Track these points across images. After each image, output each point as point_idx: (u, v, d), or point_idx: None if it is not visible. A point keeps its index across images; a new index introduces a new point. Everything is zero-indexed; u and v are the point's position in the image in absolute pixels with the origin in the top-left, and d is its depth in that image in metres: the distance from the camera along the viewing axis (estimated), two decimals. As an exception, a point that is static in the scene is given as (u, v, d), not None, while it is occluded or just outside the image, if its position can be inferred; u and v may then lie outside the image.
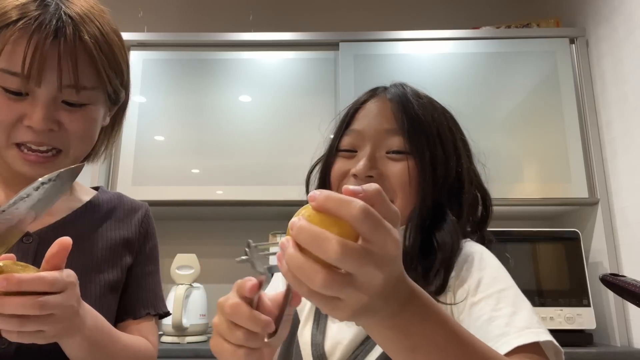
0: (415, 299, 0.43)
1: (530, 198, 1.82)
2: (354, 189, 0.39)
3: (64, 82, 0.70)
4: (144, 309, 0.85)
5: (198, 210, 1.99)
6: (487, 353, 0.46)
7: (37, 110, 0.69)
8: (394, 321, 0.42)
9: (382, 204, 0.39)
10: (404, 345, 0.43)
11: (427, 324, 0.43)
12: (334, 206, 0.38)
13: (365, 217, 0.37)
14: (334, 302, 0.39)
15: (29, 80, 0.68)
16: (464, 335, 0.45)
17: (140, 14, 2.30)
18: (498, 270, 0.67)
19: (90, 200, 0.86)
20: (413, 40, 2.00)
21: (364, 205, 0.37)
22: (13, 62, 0.68)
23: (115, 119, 0.87)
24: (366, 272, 0.37)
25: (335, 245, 0.36)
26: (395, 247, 0.38)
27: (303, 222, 0.38)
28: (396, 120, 0.73)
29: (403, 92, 0.76)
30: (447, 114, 0.80)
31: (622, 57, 1.75)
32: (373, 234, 0.37)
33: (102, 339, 0.69)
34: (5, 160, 0.74)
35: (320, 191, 0.39)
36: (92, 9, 0.75)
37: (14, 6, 0.69)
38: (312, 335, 0.73)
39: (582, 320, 1.63)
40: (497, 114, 1.90)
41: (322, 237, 0.36)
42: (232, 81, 1.99)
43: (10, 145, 0.72)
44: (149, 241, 0.90)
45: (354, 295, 0.38)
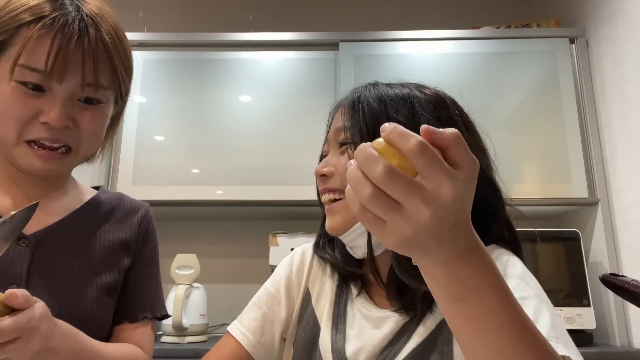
0: (476, 254, 0.42)
1: (530, 198, 1.82)
2: (429, 128, 0.40)
3: (86, 80, 0.71)
4: (142, 312, 0.83)
5: (198, 210, 1.99)
6: (533, 327, 0.45)
7: (55, 106, 0.70)
8: (448, 269, 0.42)
9: (457, 148, 0.40)
10: (451, 293, 0.43)
11: (480, 281, 0.42)
12: (396, 138, 0.39)
13: (421, 152, 0.38)
14: (380, 225, 0.40)
15: (51, 77, 0.69)
16: (514, 303, 0.44)
17: (140, 14, 2.30)
18: (523, 278, 0.65)
19: (89, 201, 0.85)
20: (413, 40, 2.01)
21: (421, 141, 0.38)
22: (35, 58, 0.69)
23: (114, 120, 0.87)
24: (412, 204, 0.38)
25: (381, 168, 0.38)
26: (450, 191, 0.38)
27: (365, 146, 0.40)
28: (342, 117, 0.74)
29: (359, 88, 0.77)
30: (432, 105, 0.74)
31: (622, 57, 1.75)
32: (428, 170, 0.38)
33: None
34: (15, 158, 0.73)
35: (390, 123, 0.40)
36: (104, 8, 0.76)
37: (26, 8, 0.70)
38: (332, 342, 0.71)
39: (582, 320, 1.63)
40: (497, 114, 1.90)
41: (372, 158, 0.39)
42: (232, 81, 1.99)
43: (21, 142, 0.72)
44: (148, 242, 0.89)
45: (399, 223, 0.39)
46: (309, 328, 0.75)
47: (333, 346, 0.71)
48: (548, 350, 0.45)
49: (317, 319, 0.76)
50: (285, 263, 0.85)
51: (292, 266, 0.83)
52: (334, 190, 0.73)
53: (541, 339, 0.45)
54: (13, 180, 0.78)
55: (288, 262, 0.85)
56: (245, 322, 0.80)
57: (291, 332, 0.79)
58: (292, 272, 0.83)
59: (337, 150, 0.74)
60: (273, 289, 0.82)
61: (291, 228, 1.94)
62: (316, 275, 0.81)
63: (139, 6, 2.32)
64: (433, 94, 0.75)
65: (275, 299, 0.80)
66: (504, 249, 0.71)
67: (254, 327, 0.79)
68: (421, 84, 0.78)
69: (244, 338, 0.78)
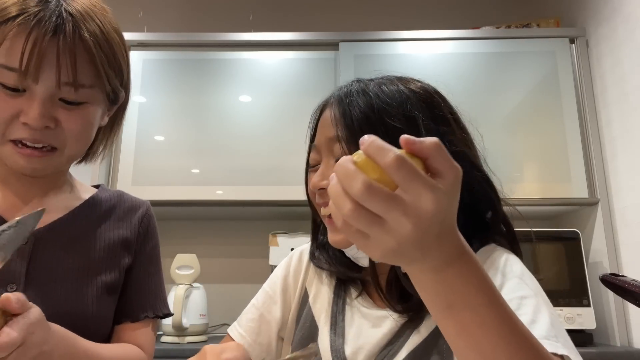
0: (464, 261, 0.43)
1: (530, 198, 1.82)
2: (409, 138, 0.40)
3: (62, 79, 0.69)
4: (142, 312, 0.83)
5: (198, 210, 1.99)
6: (525, 330, 0.45)
7: (33, 107, 0.68)
8: (437, 276, 0.43)
9: (437, 158, 0.40)
10: (442, 300, 0.44)
11: (470, 287, 0.43)
12: (374, 152, 0.39)
13: (398, 166, 0.38)
14: (364, 239, 0.41)
15: (26, 76, 0.67)
16: (504, 307, 0.44)
17: (140, 14, 2.30)
18: (521, 277, 0.64)
19: (88, 199, 0.85)
20: (413, 40, 2.00)
21: (398, 155, 0.38)
22: (11, 57, 0.67)
23: (115, 119, 0.86)
24: (393, 217, 0.38)
25: (360, 184, 0.38)
26: (430, 202, 0.38)
27: (344, 161, 0.40)
28: (335, 127, 0.69)
29: (346, 91, 0.72)
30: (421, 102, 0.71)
31: (622, 57, 1.75)
32: (406, 184, 0.38)
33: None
34: (2, 157, 0.72)
35: (369, 136, 0.40)
36: (94, 7, 0.74)
37: (14, 2, 0.68)
38: (331, 341, 0.71)
39: (582, 320, 1.63)
40: (497, 114, 1.90)
41: (351, 175, 0.39)
42: (232, 81, 1.99)
43: (5, 142, 0.71)
44: (149, 241, 0.88)
45: (382, 236, 0.39)
46: (306, 327, 0.75)
47: (332, 346, 0.71)
48: (541, 352, 0.46)
49: (314, 318, 0.76)
50: (283, 264, 0.85)
51: (289, 267, 0.83)
52: None
53: (534, 342, 0.46)
54: (8, 179, 0.78)
55: (286, 263, 0.85)
56: (243, 323, 0.81)
57: (289, 331, 0.79)
58: (290, 273, 0.83)
59: (333, 162, 0.70)
60: (270, 290, 0.82)
61: (291, 228, 1.94)
62: (314, 275, 0.81)
63: (139, 6, 2.32)
64: (423, 92, 0.73)
65: (272, 299, 0.81)
66: (502, 248, 0.70)
67: (251, 327, 0.79)
68: (406, 78, 0.75)
69: (241, 338, 0.78)
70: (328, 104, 0.73)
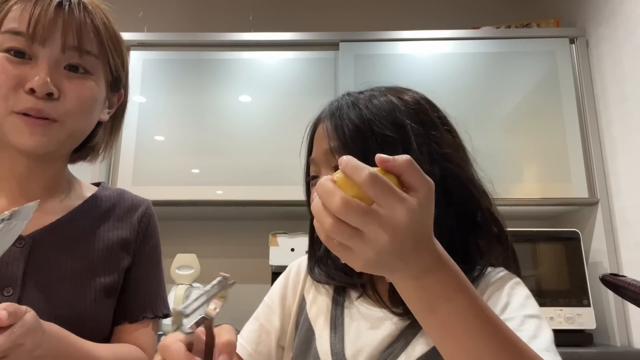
0: (442, 267, 0.46)
1: (530, 198, 1.82)
2: (383, 157, 0.44)
3: (68, 42, 0.72)
4: (142, 312, 0.82)
5: (198, 210, 1.99)
6: (508, 331, 0.47)
7: (40, 71, 0.70)
8: (417, 282, 0.45)
9: (409, 174, 0.44)
10: (423, 305, 0.46)
11: (450, 292, 0.46)
12: (350, 171, 0.43)
13: (372, 183, 0.42)
14: (346, 251, 0.44)
15: (33, 40, 0.70)
16: (486, 309, 0.47)
17: (140, 14, 2.30)
18: (527, 299, 0.68)
19: (88, 198, 0.84)
20: (413, 40, 2.00)
21: (372, 172, 0.42)
22: (18, 23, 0.70)
23: (115, 119, 0.86)
24: (371, 230, 0.42)
25: (338, 200, 0.42)
26: (404, 214, 0.42)
27: (324, 180, 0.44)
28: (330, 139, 0.71)
29: (337, 105, 0.74)
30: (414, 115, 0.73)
31: (622, 57, 1.75)
32: (381, 198, 0.42)
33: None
34: (5, 132, 0.72)
35: (346, 157, 0.44)
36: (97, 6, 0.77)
37: None
38: (331, 344, 0.71)
39: (582, 320, 1.63)
40: (497, 114, 1.90)
41: (330, 192, 0.43)
42: (232, 81, 1.99)
43: (10, 113, 0.71)
44: (149, 240, 0.87)
45: (362, 248, 0.43)
46: (303, 332, 0.76)
47: (332, 349, 0.71)
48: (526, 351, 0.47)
49: (310, 323, 0.76)
50: (282, 276, 0.86)
51: (288, 278, 0.85)
52: None
53: (518, 341, 0.47)
54: (7, 178, 0.77)
55: (285, 275, 0.86)
56: (244, 335, 0.82)
57: (289, 339, 0.79)
58: (288, 283, 0.84)
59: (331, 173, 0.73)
60: (269, 301, 0.83)
61: (291, 228, 1.94)
62: (312, 284, 0.82)
63: (139, 6, 2.32)
64: (411, 99, 0.75)
65: (271, 309, 0.82)
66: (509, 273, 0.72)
67: (251, 337, 0.80)
68: (395, 88, 0.77)
69: (241, 348, 0.79)
70: (321, 119, 0.76)
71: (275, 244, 1.88)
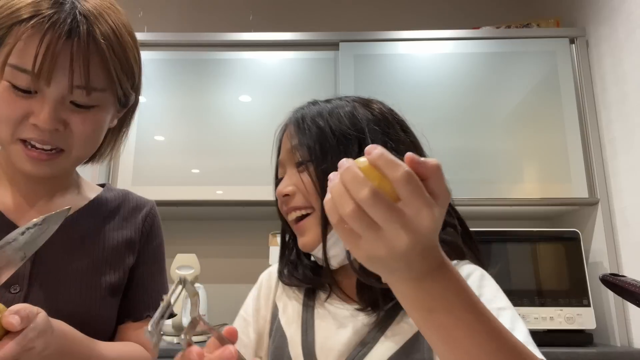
0: (443, 270, 0.45)
1: (530, 198, 1.82)
2: (415, 157, 0.42)
3: (75, 82, 0.69)
4: (145, 311, 0.83)
5: (198, 210, 1.99)
6: (504, 331, 0.47)
7: (44, 109, 0.68)
8: (416, 284, 0.45)
9: (436, 179, 0.42)
10: (422, 307, 0.45)
11: (448, 293, 0.45)
12: (383, 164, 0.42)
13: (407, 182, 0.41)
14: (355, 239, 0.43)
15: (39, 78, 0.67)
16: (483, 310, 0.46)
17: (140, 14, 2.30)
18: (497, 291, 0.69)
19: (93, 199, 0.85)
20: (413, 40, 2.00)
21: (409, 171, 0.41)
22: (24, 59, 0.67)
23: (124, 121, 0.85)
24: (392, 228, 0.41)
25: (368, 190, 0.40)
26: (428, 219, 0.41)
27: (351, 164, 0.42)
28: (292, 138, 0.76)
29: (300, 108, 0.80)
30: (375, 121, 0.76)
31: (622, 57, 1.75)
32: (410, 198, 0.41)
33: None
34: (10, 156, 0.72)
35: (376, 146, 0.42)
36: (108, 8, 0.73)
37: (27, 3, 0.68)
38: (302, 347, 0.73)
39: (582, 320, 1.63)
40: (497, 114, 1.90)
41: (359, 180, 0.41)
42: (232, 81, 1.99)
43: (15, 140, 0.70)
44: (152, 240, 0.88)
45: (374, 242, 0.42)
46: (277, 338, 0.76)
47: (304, 350, 0.72)
48: (523, 351, 0.47)
49: (283, 329, 0.77)
50: (255, 287, 0.87)
51: (260, 288, 0.85)
52: (300, 208, 0.74)
53: (515, 342, 0.47)
54: (16, 179, 0.78)
55: (257, 286, 0.87)
56: None
57: (266, 349, 0.80)
58: (261, 294, 0.84)
59: (295, 170, 0.75)
60: (244, 313, 0.84)
61: (291, 228, 1.94)
62: (283, 291, 0.82)
63: (139, 6, 2.32)
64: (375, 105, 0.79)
65: (246, 321, 0.82)
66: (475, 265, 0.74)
67: None
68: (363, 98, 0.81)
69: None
70: (287, 124, 0.80)
71: (275, 244, 1.88)
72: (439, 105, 1.89)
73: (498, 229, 1.79)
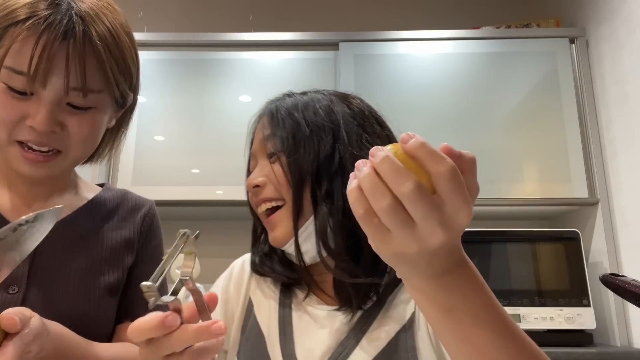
0: (464, 268, 0.44)
1: (530, 198, 1.82)
2: (452, 148, 0.40)
3: (71, 84, 0.68)
4: (144, 311, 0.83)
5: (198, 210, 1.99)
6: (521, 332, 0.46)
7: (40, 111, 0.68)
8: (436, 282, 0.43)
9: (471, 175, 0.41)
10: (440, 305, 0.43)
11: (467, 291, 0.43)
12: (425, 156, 0.39)
13: (451, 177, 0.38)
14: (383, 234, 0.40)
15: (34, 80, 0.66)
16: (500, 309, 0.45)
17: (140, 14, 2.30)
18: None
19: (92, 199, 0.84)
20: (413, 40, 2.00)
21: (454, 166, 0.38)
22: (20, 61, 0.66)
23: (122, 122, 0.85)
24: (429, 225, 0.38)
25: (412, 184, 0.37)
26: (465, 217, 0.39)
27: (389, 154, 0.39)
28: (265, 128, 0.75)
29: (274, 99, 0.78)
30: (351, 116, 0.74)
31: (622, 57, 1.75)
32: (452, 195, 0.38)
33: None
34: (7, 158, 0.72)
35: (415, 135, 0.39)
36: (104, 8, 0.73)
37: (23, 4, 0.67)
38: (281, 347, 0.70)
39: (582, 320, 1.63)
40: (497, 114, 1.90)
41: (402, 173, 0.38)
42: (232, 81, 1.99)
43: (12, 142, 0.70)
44: (151, 240, 0.88)
45: (406, 239, 0.39)
46: (253, 337, 0.73)
47: (283, 351, 0.70)
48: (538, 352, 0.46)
49: (260, 327, 0.74)
50: (224, 275, 0.84)
51: (230, 278, 0.82)
52: (270, 200, 0.72)
53: (531, 343, 0.46)
54: (13, 180, 0.78)
55: (226, 274, 0.84)
56: None
57: (233, 343, 0.76)
58: (231, 283, 0.81)
59: (266, 161, 0.73)
60: None
61: (291, 228, 1.93)
62: (257, 284, 0.79)
63: (139, 6, 2.32)
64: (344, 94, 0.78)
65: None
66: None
67: None
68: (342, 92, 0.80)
69: None
70: (261, 115, 0.79)
71: (275, 244, 1.87)
72: (439, 105, 1.89)
73: (498, 229, 1.79)
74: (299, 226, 0.69)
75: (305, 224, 0.69)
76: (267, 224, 0.74)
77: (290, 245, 0.71)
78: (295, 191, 0.69)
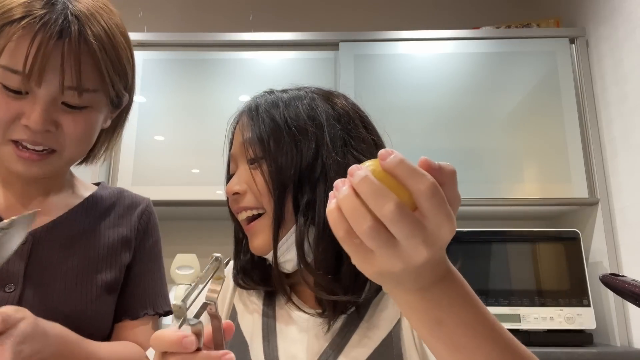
0: (448, 279, 0.43)
1: (530, 198, 1.82)
2: (431, 162, 0.39)
3: (66, 83, 0.68)
4: (142, 309, 0.82)
5: (198, 210, 1.99)
6: (513, 338, 0.46)
7: (35, 110, 0.68)
8: (423, 294, 0.42)
9: (452, 187, 0.40)
10: (430, 317, 0.43)
11: (456, 302, 0.43)
12: (404, 174, 0.38)
13: (432, 195, 0.37)
14: (365, 254, 0.39)
15: (29, 79, 0.66)
16: (491, 317, 0.45)
17: (140, 14, 2.30)
18: None
19: (88, 197, 0.84)
20: (413, 40, 2.00)
21: (434, 182, 0.37)
22: (15, 60, 0.66)
23: (117, 122, 0.85)
24: (412, 243, 0.38)
25: (393, 205, 0.36)
26: (449, 233, 0.38)
27: (368, 174, 0.38)
28: (244, 131, 0.72)
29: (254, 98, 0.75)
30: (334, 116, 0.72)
31: (622, 57, 1.75)
32: (433, 212, 0.37)
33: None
34: (1, 157, 0.72)
35: (393, 152, 0.38)
36: (100, 8, 0.73)
37: (19, 3, 0.67)
38: (265, 354, 0.69)
39: (582, 320, 1.63)
40: (497, 114, 1.90)
41: (382, 193, 0.37)
42: (232, 81, 1.99)
43: (7, 141, 0.70)
44: (149, 238, 0.87)
45: (390, 259, 0.38)
46: (236, 345, 0.72)
47: (266, 357, 0.68)
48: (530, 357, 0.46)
49: (243, 335, 0.73)
50: None
51: None
52: (251, 208, 0.70)
53: (524, 350, 0.46)
54: (9, 179, 0.78)
55: None
56: None
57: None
58: None
59: (247, 166, 0.71)
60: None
61: (291, 228, 1.93)
62: (241, 291, 0.78)
63: (139, 6, 2.32)
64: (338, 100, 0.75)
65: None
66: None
67: None
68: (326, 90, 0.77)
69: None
70: (240, 115, 0.75)
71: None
72: (439, 105, 1.89)
73: (498, 229, 1.79)
74: (279, 237, 0.68)
75: (286, 235, 0.68)
76: (247, 231, 0.73)
77: (271, 255, 0.69)
78: (277, 202, 0.67)
